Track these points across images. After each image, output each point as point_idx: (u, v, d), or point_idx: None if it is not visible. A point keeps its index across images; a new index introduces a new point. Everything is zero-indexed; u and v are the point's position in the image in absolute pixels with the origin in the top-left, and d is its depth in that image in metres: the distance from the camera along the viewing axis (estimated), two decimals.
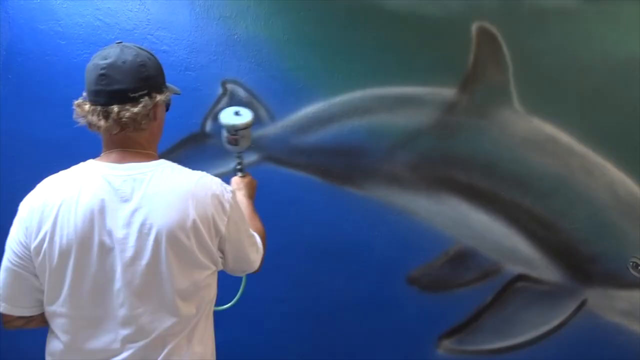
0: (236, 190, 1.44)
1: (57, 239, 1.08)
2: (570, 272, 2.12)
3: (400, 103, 2.10)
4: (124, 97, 1.11)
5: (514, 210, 2.10)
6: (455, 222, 2.10)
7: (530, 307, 2.11)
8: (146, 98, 1.12)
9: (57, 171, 1.22)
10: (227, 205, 1.14)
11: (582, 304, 2.12)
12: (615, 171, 2.15)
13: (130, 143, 1.15)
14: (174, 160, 1.18)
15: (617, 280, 2.13)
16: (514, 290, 2.11)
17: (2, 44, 2.05)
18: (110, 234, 1.08)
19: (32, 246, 1.09)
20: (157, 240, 1.07)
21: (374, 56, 2.08)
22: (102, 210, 1.08)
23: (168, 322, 1.10)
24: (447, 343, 2.11)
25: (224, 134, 1.51)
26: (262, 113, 2.06)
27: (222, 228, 1.14)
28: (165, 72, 1.26)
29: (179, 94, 1.26)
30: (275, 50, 2.05)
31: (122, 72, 1.11)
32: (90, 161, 1.16)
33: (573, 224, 2.12)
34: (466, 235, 2.11)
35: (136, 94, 1.11)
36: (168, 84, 1.22)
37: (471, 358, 2.11)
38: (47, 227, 1.09)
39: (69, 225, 1.08)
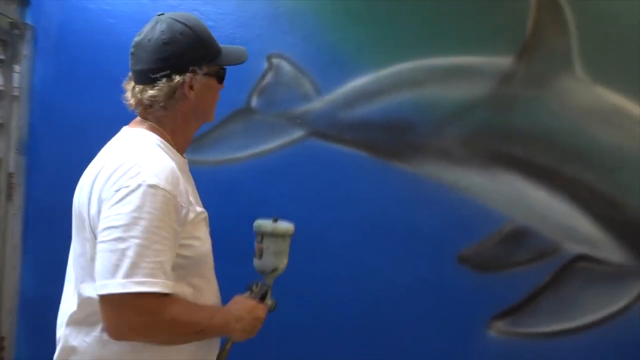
0: (239, 305, 1.17)
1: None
2: (635, 253, 1.99)
3: (452, 74, 2.01)
4: (145, 77, 1.09)
5: (575, 186, 1.98)
6: (510, 199, 2.01)
7: (591, 289, 2.00)
8: (164, 80, 1.08)
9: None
10: (113, 199, 0.98)
11: None
12: None
13: (149, 117, 1.12)
14: (218, 137, 1.15)
15: None
16: (573, 271, 2.01)
17: (54, 24, 2.10)
18: (76, 211, 1.10)
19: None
20: (78, 223, 1.08)
21: (423, 25, 2.00)
22: (81, 186, 1.10)
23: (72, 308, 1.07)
24: (499, 324, 2.03)
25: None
26: (308, 87, 2.03)
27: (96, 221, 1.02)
28: None
29: (234, 64, 1.19)
30: (320, 22, 2.00)
31: (145, 51, 1.09)
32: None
33: (639, 200, 1.98)
34: (522, 213, 2.01)
35: (156, 75, 1.08)
36: (227, 52, 1.17)
37: (524, 341, 2.03)
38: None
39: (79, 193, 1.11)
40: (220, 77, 1.17)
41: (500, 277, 2.03)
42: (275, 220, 1.27)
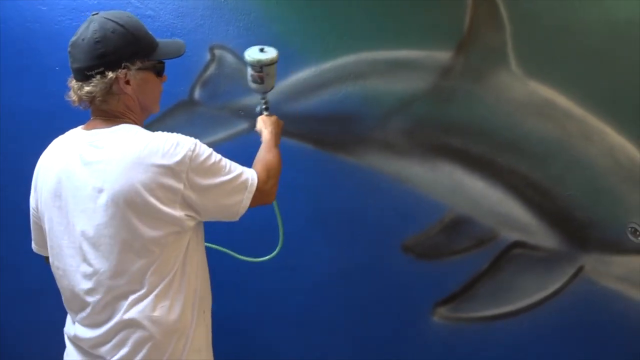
0: (262, 128, 1.57)
1: (38, 198, 1.25)
2: (567, 239, 2.09)
3: (394, 67, 2.04)
4: (81, 75, 1.18)
5: (510, 176, 2.07)
6: (450, 189, 2.07)
7: (526, 274, 2.10)
8: (98, 77, 1.16)
9: (41, 140, 1.29)
10: (179, 165, 1.14)
11: (579, 270, 2.10)
12: (615, 136, 2.10)
13: (102, 112, 1.22)
14: (162, 130, 1.20)
15: (615, 246, 2.11)
16: (509, 257, 2.09)
17: None
18: (74, 195, 1.17)
19: (32, 204, 1.30)
20: (107, 204, 1.13)
21: (366, 19, 2.02)
22: (68, 173, 1.17)
23: (121, 280, 1.15)
24: (442, 310, 2.09)
25: (249, 72, 1.54)
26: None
27: (180, 188, 1.15)
28: None
29: (169, 58, 1.27)
30: (264, 13, 1.98)
31: (80, 51, 1.17)
32: (76, 128, 1.26)
33: (571, 189, 2.09)
34: (461, 202, 2.08)
35: (91, 72, 1.17)
36: (163, 46, 1.26)
37: (466, 325, 2.11)
38: (35, 188, 1.27)
39: (45, 187, 1.22)
40: (158, 71, 1.26)
41: (442, 265, 2.09)
42: (262, 50, 1.54)
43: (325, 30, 2.00)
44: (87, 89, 1.17)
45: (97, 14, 1.20)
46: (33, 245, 1.35)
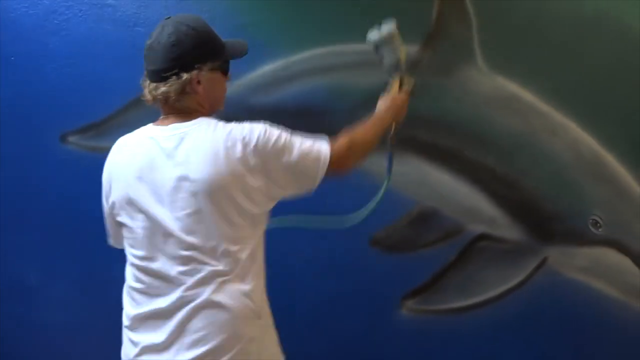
0: (381, 102, 1.57)
1: (114, 195, 1.28)
2: (531, 231, 2.14)
3: (363, 61, 2.03)
4: (157, 76, 1.25)
5: (476, 169, 2.09)
6: (417, 182, 2.08)
7: (492, 266, 2.13)
8: (174, 77, 1.22)
9: None
10: (255, 151, 1.21)
11: (543, 261, 2.14)
12: (578, 130, 2.15)
13: (176, 110, 1.26)
14: (122, 123, 1.20)
15: (578, 238, 2.16)
16: (475, 249, 2.12)
17: None
18: (160, 187, 1.21)
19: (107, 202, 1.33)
20: (194, 194, 1.19)
21: (334, 12, 2.01)
22: (151, 167, 1.23)
23: (211, 267, 1.20)
24: (410, 303, 2.11)
25: (384, 57, 1.51)
26: None
27: (259, 172, 1.22)
28: (112, 28, 1.23)
29: (236, 58, 1.34)
30: (230, 5, 1.96)
31: (157, 54, 1.24)
32: (147, 125, 1.31)
33: (535, 182, 2.13)
34: (429, 195, 2.10)
35: (167, 74, 1.23)
36: (230, 46, 1.32)
37: (434, 317, 2.13)
38: (109, 185, 1.31)
39: (122, 183, 1.26)
40: (224, 70, 1.34)
41: (410, 258, 2.11)
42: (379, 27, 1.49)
43: (292, 23, 1.99)
44: (162, 89, 1.23)
45: (169, 18, 1.28)
46: (110, 241, 1.41)
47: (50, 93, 1.99)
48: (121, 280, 1.31)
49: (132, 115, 1.93)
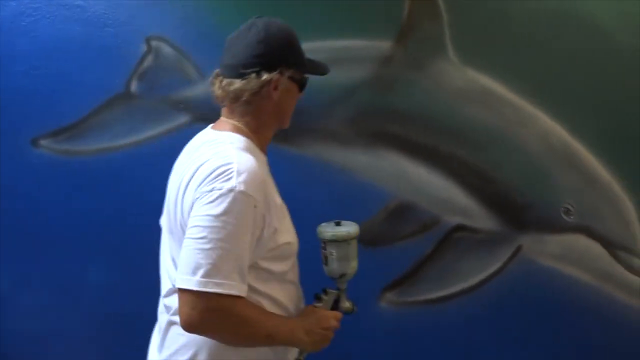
0: (305, 320, 1.22)
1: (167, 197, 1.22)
2: (505, 220, 2.18)
3: (335, 57, 2.04)
4: (235, 71, 1.16)
5: (451, 162, 2.12)
6: (394, 176, 2.10)
7: (468, 256, 2.16)
8: (253, 75, 1.14)
9: None
10: (208, 195, 1.05)
11: (518, 250, 2.18)
12: (548, 121, 2.20)
13: (230, 115, 1.19)
14: (97, 124, 1.15)
15: (550, 225, 2.21)
16: (452, 240, 2.15)
17: None
18: (182, 196, 1.14)
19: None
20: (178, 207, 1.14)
21: (306, 9, 2.01)
22: (180, 173, 1.17)
23: None
24: (389, 295, 2.13)
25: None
26: (191, 71, 1.97)
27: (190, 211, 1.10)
28: (81, 29, 1.18)
29: (317, 74, 1.28)
30: (201, 4, 1.94)
31: (239, 47, 1.16)
32: (207, 127, 1.24)
33: (508, 173, 2.17)
34: (405, 189, 2.12)
35: (247, 70, 1.14)
36: (311, 64, 1.25)
37: (412, 309, 2.16)
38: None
39: (170, 187, 1.21)
40: (302, 85, 1.26)
41: (388, 251, 2.12)
42: (338, 224, 1.29)
43: None
44: (238, 86, 1.15)
45: (260, 17, 1.21)
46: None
47: (20, 96, 1.95)
48: (94, 286, 1.27)
49: (104, 117, 1.92)
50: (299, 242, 1.27)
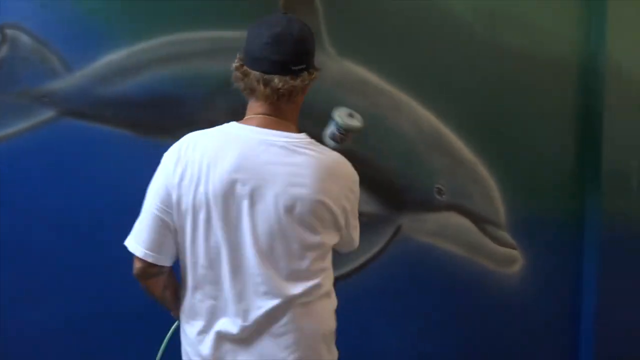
0: None
1: (200, 192, 1.15)
2: (385, 202, 2.29)
3: (215, 48, 2.01)
4: (285, 68, 1.16)
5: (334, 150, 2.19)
6: None
7: None
8: (305, 73, 1.18)
9: None
10: (354, 193, 1.29)
11: (398, 229, 2.32)
12: (420, 108, 2.35)
13: (278, 112, 1.20)
14: None
15: (425, 205, 2.37)
16: None
17: None
18: (255, 191, 1.14)
19: (174, 198, 1.17)
20: (292, 207, 1.16)
21: (179, 1, 1.95)
22: (245, 169, 1.14)
23: (293, 289, 1.21)
24: None
25: (333, 130, 1.51)
26: (55, 62, 1.82)
27: (348, 209, 1.28)
28: None
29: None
30: None
31: (287, 44, 1.16)
32: (234, 123, 1.23)
33: (385, 158, 2.29)
34: None
35: (297, 67, 1.16)
36: None
37: None
38: (189, 181, 1.16)
39: (214, 181, 1.14)
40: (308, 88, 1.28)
41: None
42: (351, 115, 1.51)
43: (133, 12, 1.89)
44: (293, 83, 1.16)
45: (287, 14, 1.22)
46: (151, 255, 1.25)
47: None
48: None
49: None
50: None
